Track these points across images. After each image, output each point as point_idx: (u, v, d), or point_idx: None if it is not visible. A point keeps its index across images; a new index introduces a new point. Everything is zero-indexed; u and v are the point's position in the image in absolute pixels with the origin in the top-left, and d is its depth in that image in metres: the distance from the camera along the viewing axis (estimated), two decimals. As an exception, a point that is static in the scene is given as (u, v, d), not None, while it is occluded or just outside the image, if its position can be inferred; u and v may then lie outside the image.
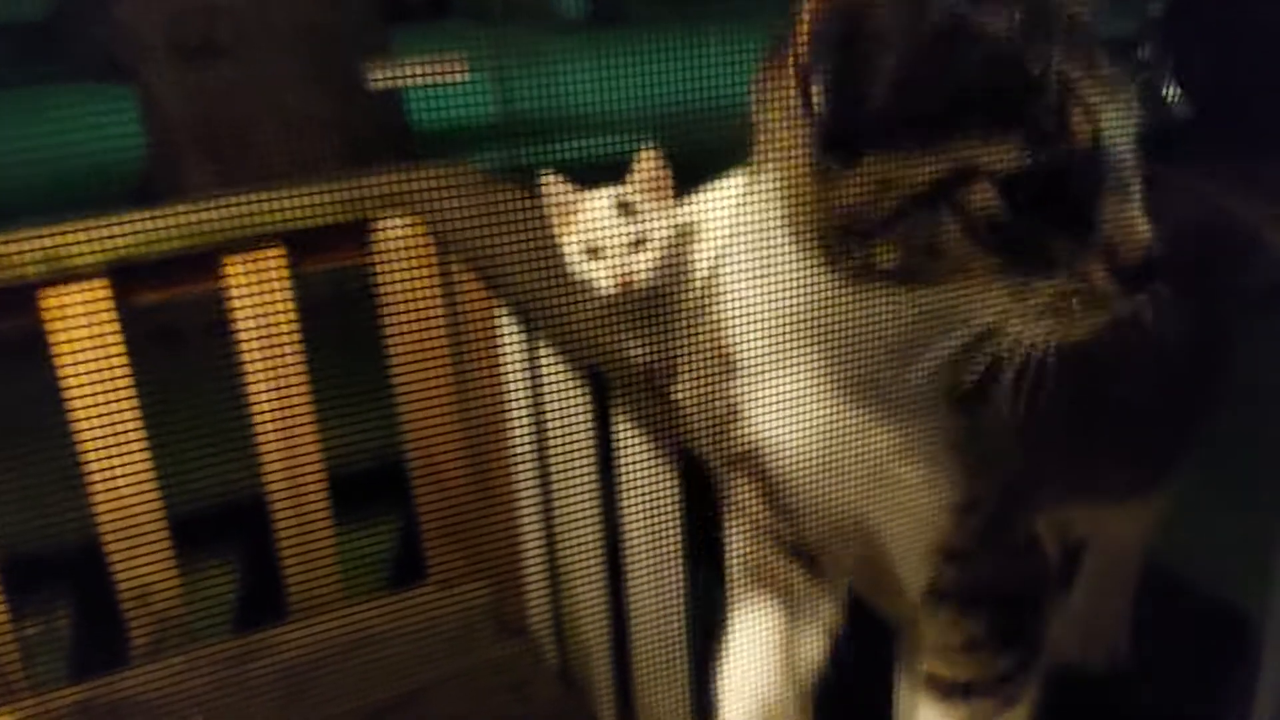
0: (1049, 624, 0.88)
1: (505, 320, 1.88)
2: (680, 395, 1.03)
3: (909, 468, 0.78)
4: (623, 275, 1.28)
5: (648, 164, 1.28)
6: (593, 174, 1.35)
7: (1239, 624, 1.04)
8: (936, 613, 0.86)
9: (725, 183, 1.19)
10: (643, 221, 1.29)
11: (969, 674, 0.86)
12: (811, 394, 0.78)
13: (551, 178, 1.31)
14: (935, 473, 0.79)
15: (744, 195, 0.84)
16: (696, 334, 0.96)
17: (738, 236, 0.84)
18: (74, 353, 1.81)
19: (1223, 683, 1.02)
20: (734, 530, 1.01)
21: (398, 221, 1.95)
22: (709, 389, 0.90)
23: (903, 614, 0.98)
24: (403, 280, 2.00)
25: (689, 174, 1.31)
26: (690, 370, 0.98)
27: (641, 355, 1.39)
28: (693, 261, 1.32)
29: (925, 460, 0.78)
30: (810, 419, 0.78)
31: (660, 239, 1.29)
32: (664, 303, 1.32)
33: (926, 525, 0.81)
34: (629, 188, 1.30)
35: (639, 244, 1.29)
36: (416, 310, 2.00)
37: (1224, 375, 1.09)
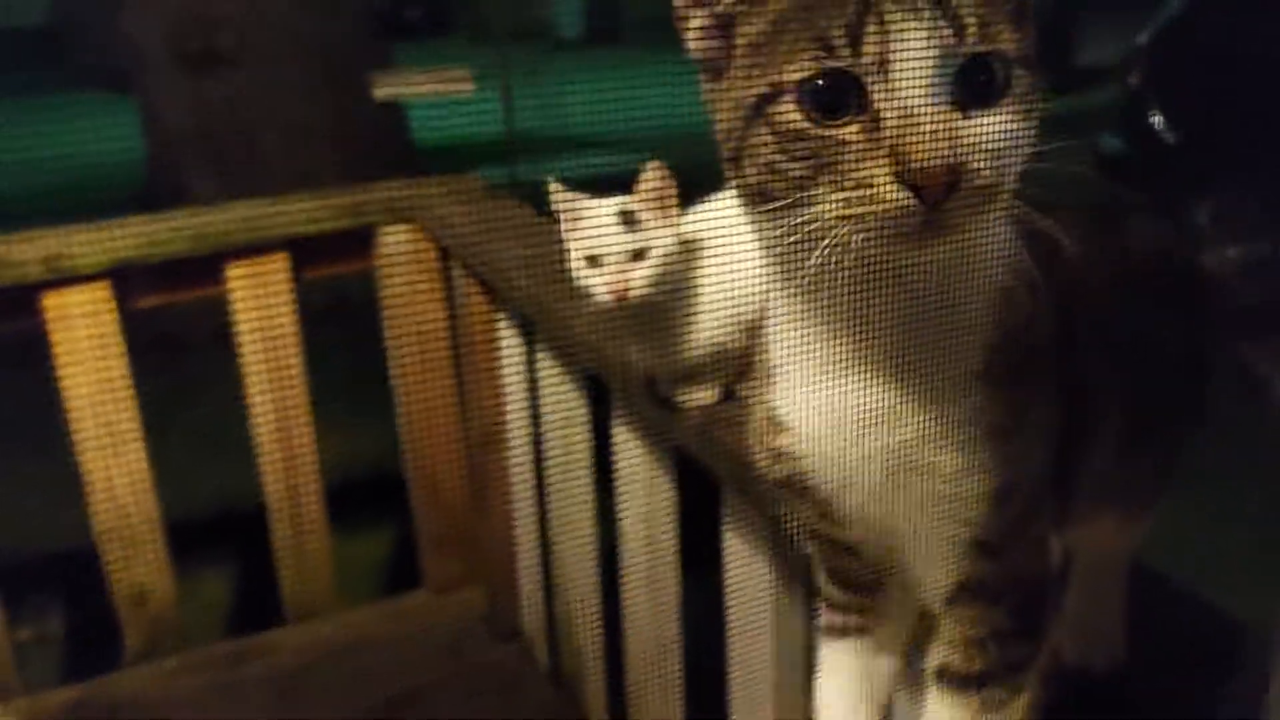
0: (1051, 611, 0.90)
1: (505, 328, 1.90)
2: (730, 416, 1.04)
3: (946, 456, 0.80)
4: (620, 285, 1.31)
5: (654, 176, 1.30)
6: (596, 187, 1.37)
7: (1247, 632, 1.06)
8: (959, 607, 0.87)
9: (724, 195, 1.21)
10: (644, 233, 1.31)
11: (984, 664, 0.87)
12: (841, 388, 0.79)
13: (557, 185, 1.33)
14: (972, 459, 0.80)
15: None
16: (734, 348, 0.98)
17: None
18: (74, 355, 1.82)
19: (1231, 692, 1.04)
20: (817, 575, 1.02)
21: (400, 230, 1.97)
22: (754, 405, 0.91)
23: (904, 612, 0.99)
24: (405, 288, 2.02)
25: (691, 188, 1.33)
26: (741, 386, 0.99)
27: (642, 363, 1.41)
28: (694, 274, 1.34)
29: (962, 446, 0.79)
30: (845, 415, 0.80)
31: (661, 251, 1.31)
32: (664, 314, 1.34)
33: (962, 517, 0.82)
34: (633, 198, 1.32)
35: (639, 255, 1.31)
36: (418, 318, 2.02)
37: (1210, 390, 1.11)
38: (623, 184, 1.36)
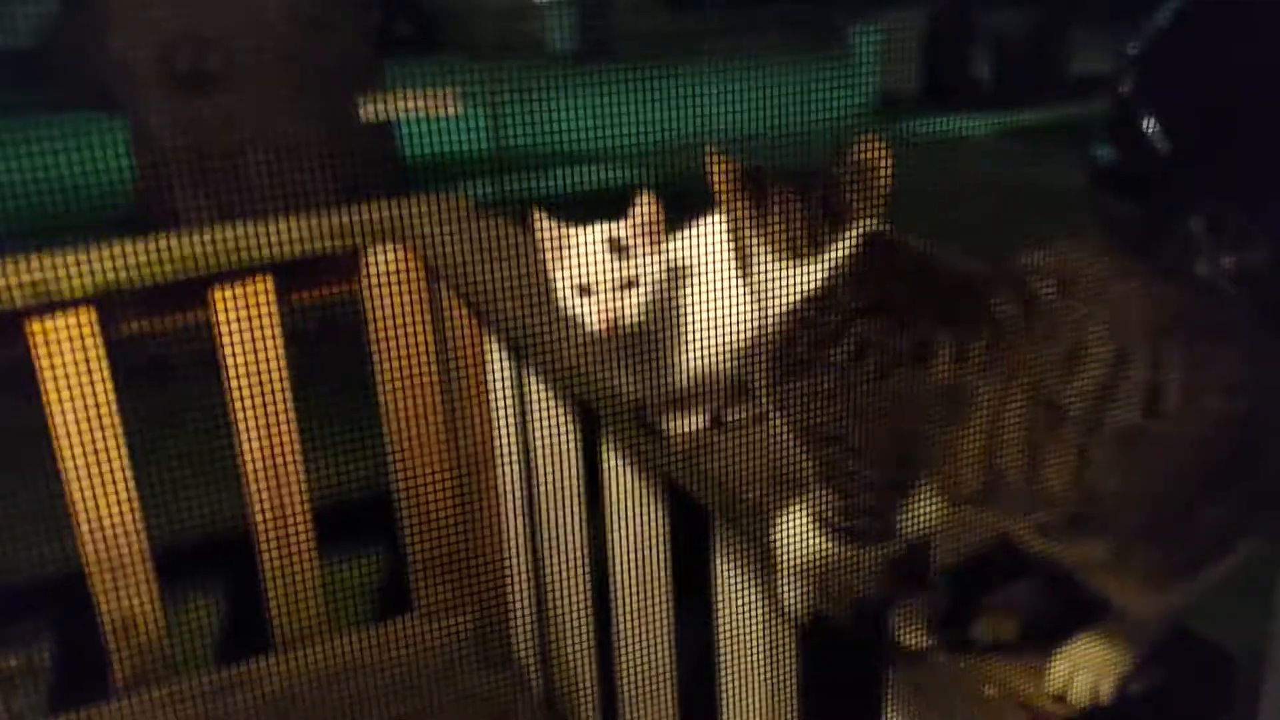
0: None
1: (494, 350, 1.88)
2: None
3: None
4: (611, 314, 1.29)
5: (644, 206, 1.29)
6: (582, 208, 1.36)
7: (1236, 661, 1.04)
8: None
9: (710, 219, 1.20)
10: (634, 261, 1.30)
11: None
12: None
13: (541, 215, 1.31)
14: None
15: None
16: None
17: None
18: (60, 382, 1.80)
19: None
20: None
21: (387, 251, 1.96)
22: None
23: None
24: (392, 310, 2.00)
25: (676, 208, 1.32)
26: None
27: (629, 391, 1.39)
28: (681, 300, 1.33)
29: None
30: None
31: (651, 280, 1.30)
32: (651, 341, 1.33)
33: None
34: (622, 227, 1.31)
35: (629, 285, 1.30)
36: (405, 339, 2.00)
37: None
38: (610, 201, 1.35)
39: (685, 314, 1.32)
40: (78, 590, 1.96)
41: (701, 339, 1.28)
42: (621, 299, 1.29)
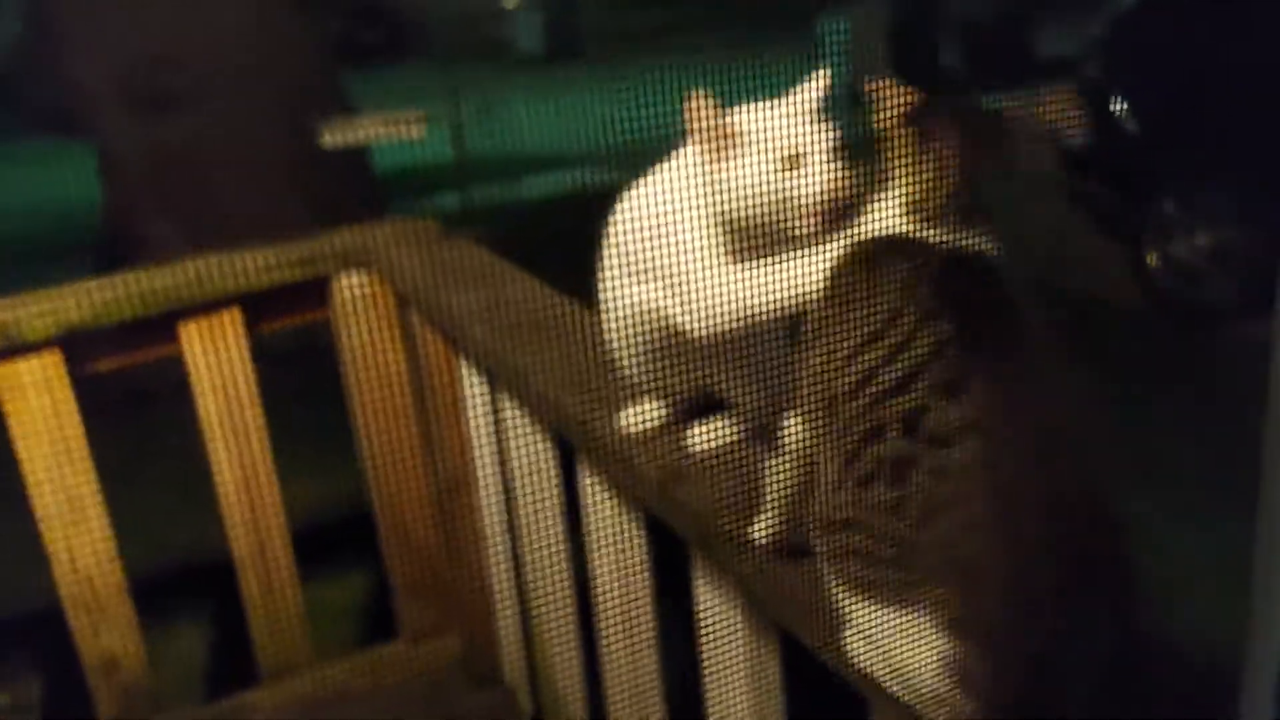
0: None
1: (469, 375, 1.87)
2: None
3: None
4: (834, 183, 1.08)
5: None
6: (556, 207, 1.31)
7: (1216, 671, 1.04)
8: None
9: None
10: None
11: None
12: None
13: (698, 96, 1.10)
14: None
15: None
16: None
17: None
18: (29, 426, 1.78)
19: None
20: None
21: (356, 278, 1.94)
22: None
23: None
24: (363, 336, 1.98)
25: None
26: None
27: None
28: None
29: None
30: None
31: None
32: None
33: None
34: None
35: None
36: (378, 367, 1.99)
37: None
38: (581, 203, 1.29)
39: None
40: (66, 627, 1.94)
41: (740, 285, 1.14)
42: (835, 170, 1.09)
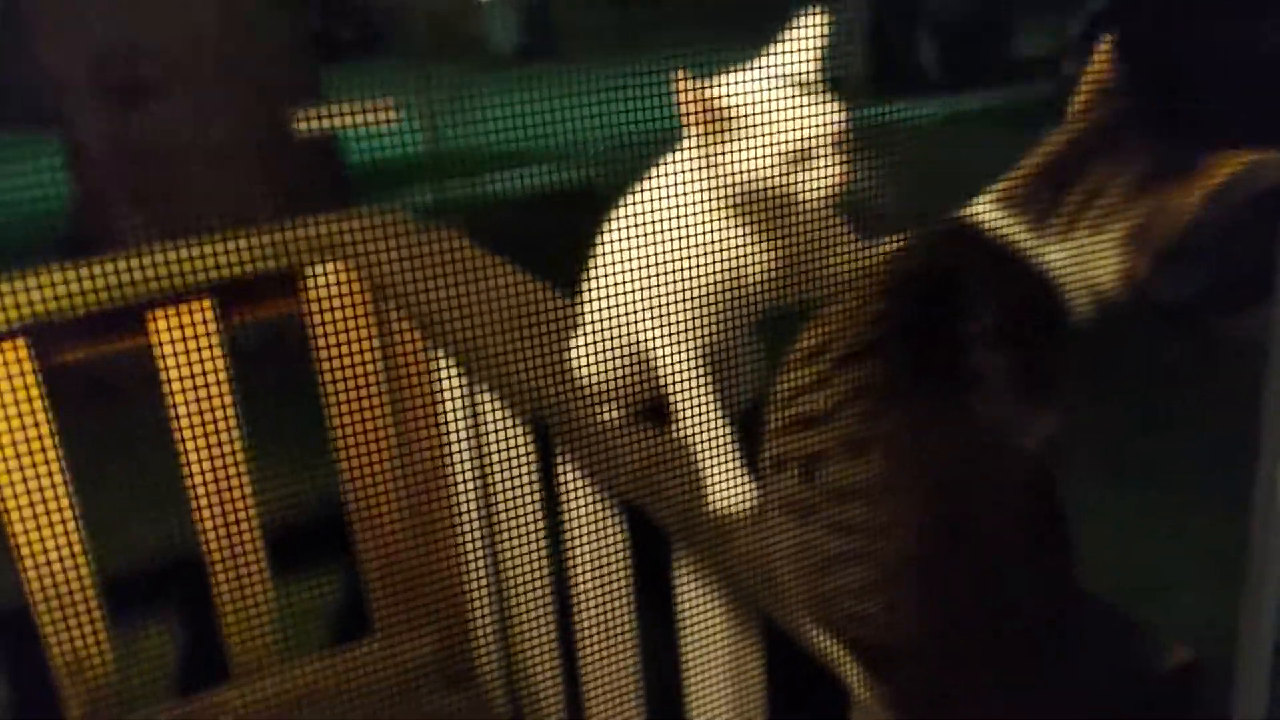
0: None
1: (444, 367, 1.84)
2: None
3: None
4: (841, 177, 1.03)
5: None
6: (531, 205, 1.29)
7: (1208, 673, 1.03)
8: None
9: None
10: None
11: None
12: None
13: (686, 77, 1.04)
14: None
15: None
16: None
17: None
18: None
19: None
20: None
21: (329, 269, 1.91)
22: None
23: None
24: (337, 329, 1.95)
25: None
26: None
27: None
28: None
29: None
30: None
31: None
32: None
33: None
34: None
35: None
36: (352, 359, 1.95)
37: None
38: (553, 201, 1.28)
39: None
40: (29, 626, 1.90)
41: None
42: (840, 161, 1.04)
